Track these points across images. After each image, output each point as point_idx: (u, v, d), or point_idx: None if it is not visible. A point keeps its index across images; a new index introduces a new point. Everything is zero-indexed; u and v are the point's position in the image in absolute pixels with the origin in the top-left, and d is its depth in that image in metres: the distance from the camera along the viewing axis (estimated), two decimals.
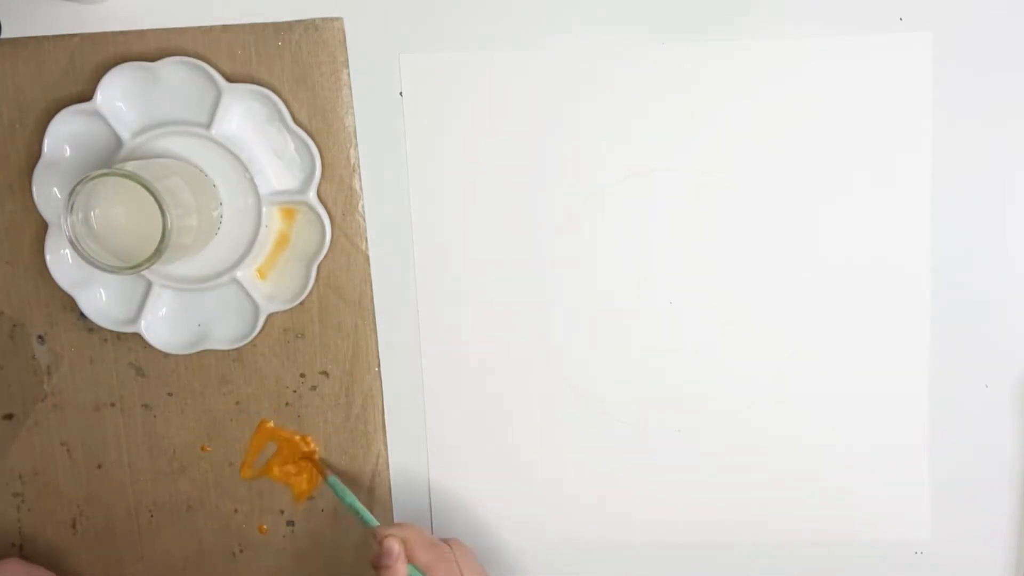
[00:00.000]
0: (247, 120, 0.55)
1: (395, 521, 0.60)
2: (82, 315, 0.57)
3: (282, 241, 0.56)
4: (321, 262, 0.56)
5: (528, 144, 0.56)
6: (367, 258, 0.57)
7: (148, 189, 0.48)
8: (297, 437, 0.59)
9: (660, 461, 0.59)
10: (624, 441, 0.58)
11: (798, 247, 0.56)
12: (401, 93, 0.56)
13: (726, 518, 0.59)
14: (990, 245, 0.56)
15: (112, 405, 0.59)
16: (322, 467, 0.58)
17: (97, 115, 0.54)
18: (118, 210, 0.51)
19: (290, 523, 0.60)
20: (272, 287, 0.57)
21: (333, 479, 0.57)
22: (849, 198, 0.56)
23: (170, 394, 0.59)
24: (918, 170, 0.55)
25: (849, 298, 0.56)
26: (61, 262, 0.56)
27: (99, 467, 0.60)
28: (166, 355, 0.58)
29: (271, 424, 0.59)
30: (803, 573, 0.59)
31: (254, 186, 0.55)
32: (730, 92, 0.55)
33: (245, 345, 0.57)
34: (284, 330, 0.58)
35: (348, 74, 0.56)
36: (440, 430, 0.59)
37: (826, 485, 0.58)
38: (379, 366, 0.58)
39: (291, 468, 0.59)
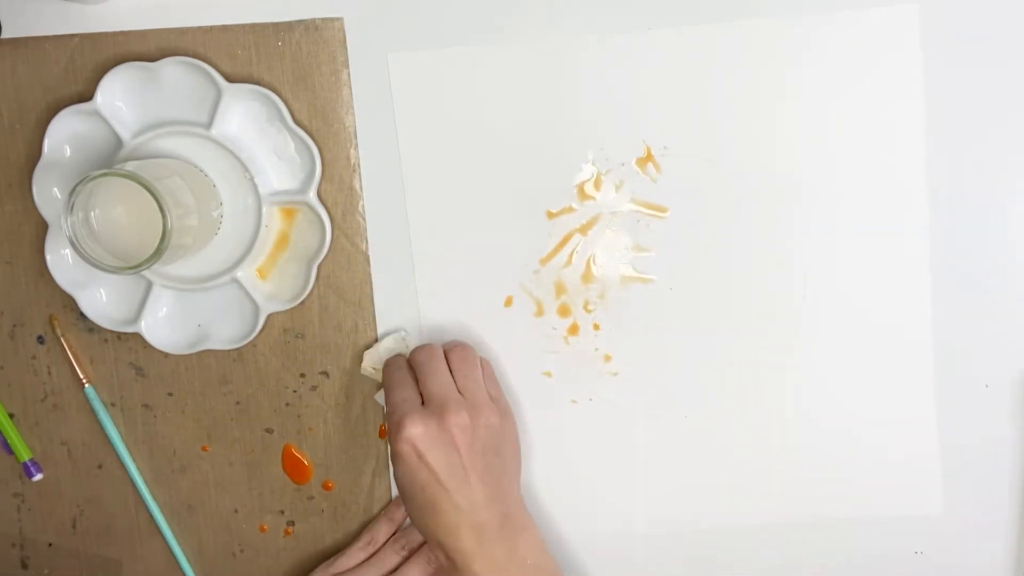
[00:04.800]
0: (247, 120, 0.55)
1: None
2: (82, 315, 0.57)
3: (282, 241, 0.56)
4: (321, 262, 0.56)
5: (522, 138, 0.56)
6: (367, 258, 0.57)
7: (148, 189, 0.48)
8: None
9: (667, 447, 0.58)
10: (631, 428, 0.58)
11: (796, 236, 0.56)
12: None
13: (732, 505, 0.59)
14: (990, 246, 0.56)
15: (112, 405, 0.59)
16: None
17: (97, 115, 0.54)
18: (118, 210, 0.51)
19: (290, 523, 0.60)
20: (272, 287, 0.57)
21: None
22: (842, 173, 0.55)
23: (170, 394, 0.59)
24: (912, 158, 0.55)
25: (850, 298, 0.56)
26: (61, 262, 0.56)
27: (99, 467, 0.60)
28: (166, 355, 0.58)
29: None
30: (809, 559, 0.59)
31: (254, 186, 0.55)
32: (717, 74, 0.55)
33: (245, 345, 0.57)
34: (284, 330, 0.58)
35: (348, 74, 0.56)
36: None
37: (830, 486, 0.58)
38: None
39: None
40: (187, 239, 0.52)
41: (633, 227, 0.57)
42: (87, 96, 0.54)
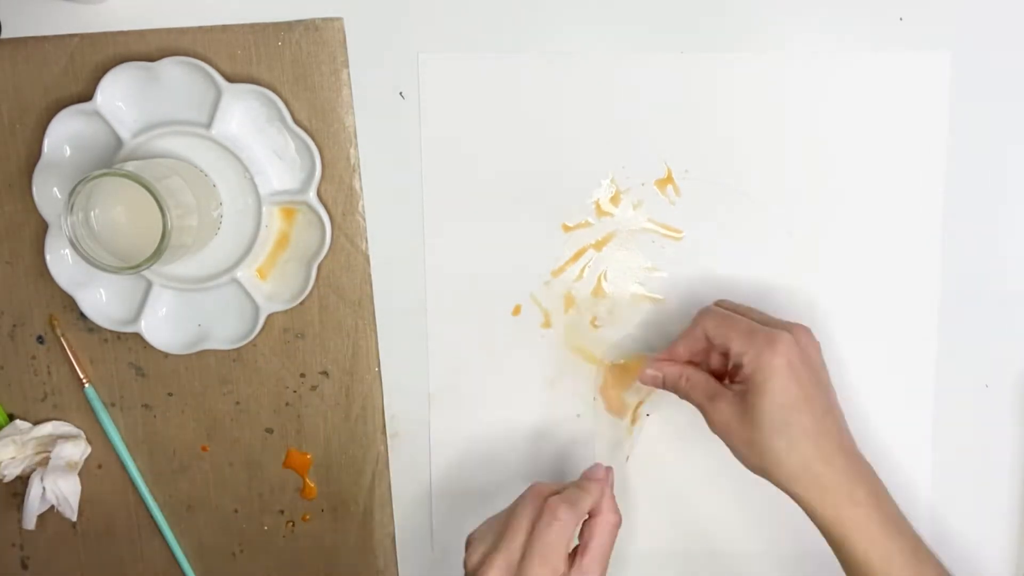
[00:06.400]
0: (247, 120, 0.55)
1: (395, 516, 0.60)
2: (82, 315, 0.57)
3: (282, 241, 0.56)
4: (321, 262, 0.56)
5: (545, 149, 0.56)
6: (367, 258, 0.57)
7: (148, 189, 0.48)
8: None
9: (663, 465, 0.58)
10: (630, 444, 0.58)
11: (807, 255, 0.56)
12: (401, 94, 0.56)
13: (716, 531, 0.59)
14: (994, 249, 0.56)
15: (112, 405, 0.59)
16: None
17: (97, 115, 0.54)
18: (118, 210, 0.51)
19: (290, 523, 0.60)
20: (272, 287, 0.57)
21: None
22: (860, 207, 0.55)
23: (170, 394, 0.59)
24: (931, 182, 0.55)
25: (858, 305, 0.56)
26: (61, 262, 0.56)
27: (99, 467, 0.60)
28: (166, 355, 0.58)
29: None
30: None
31: (254, 186, 0.55)
32: (745, 103, 0.55)
33: (245, 345, 0.57)
34: (284, 330, 0.58)
35: (348, 74, 0.56)
36: (441, 430, 0.59)
37: None
38: (379, 366, 0.58)
39: None
40: (187, 239, 0.52)
41: (648, 247, 0.57)
42: (87, 96, 0.54)
